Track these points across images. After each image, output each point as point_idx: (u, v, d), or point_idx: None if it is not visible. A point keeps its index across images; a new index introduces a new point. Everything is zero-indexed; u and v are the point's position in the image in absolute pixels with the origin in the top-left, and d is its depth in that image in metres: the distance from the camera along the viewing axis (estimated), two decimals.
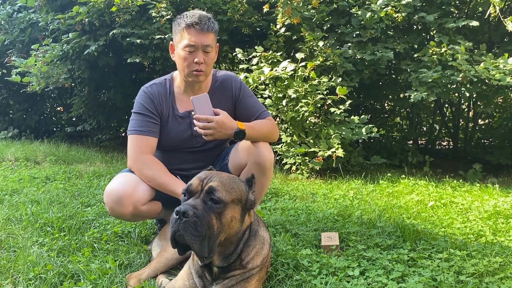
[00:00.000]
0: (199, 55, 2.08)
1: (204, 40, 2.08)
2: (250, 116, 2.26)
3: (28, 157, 5.08)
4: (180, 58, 2.12)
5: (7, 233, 2.44)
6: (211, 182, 1.56)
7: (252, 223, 1.68)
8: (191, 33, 2.07)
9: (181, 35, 2.10)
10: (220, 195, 1.52)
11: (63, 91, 7.69)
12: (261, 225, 1.76)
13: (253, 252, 1.66)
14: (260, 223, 1.77)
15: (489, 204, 3.14)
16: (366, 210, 2.95)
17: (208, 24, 2.09)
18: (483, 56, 4.20)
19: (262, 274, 1.73)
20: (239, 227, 1.59)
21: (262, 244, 1.70)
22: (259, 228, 1.72)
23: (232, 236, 1.58)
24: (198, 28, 2.06)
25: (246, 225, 1.64)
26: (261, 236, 1.70)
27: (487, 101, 4.69)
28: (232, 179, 1.61)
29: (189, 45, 2.07)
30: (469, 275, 1.89)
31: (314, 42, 4.47)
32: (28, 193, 3.39)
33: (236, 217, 1.56)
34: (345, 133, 4.12)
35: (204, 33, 2.08)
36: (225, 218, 1.53)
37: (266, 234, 1.76)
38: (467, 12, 4.93)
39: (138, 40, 4.77)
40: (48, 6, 5.82)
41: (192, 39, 2.06)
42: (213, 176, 1.60)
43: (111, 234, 2.43)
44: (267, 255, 1.73)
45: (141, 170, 2.08)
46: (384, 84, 5.36)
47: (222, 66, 6.72)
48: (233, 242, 1.60)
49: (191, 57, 2.08)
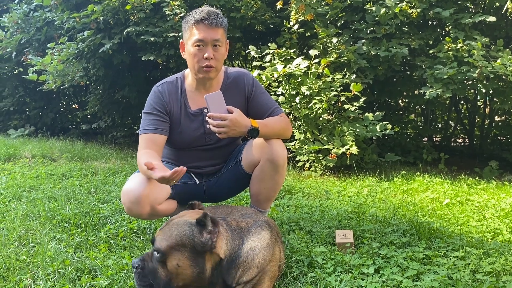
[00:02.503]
0: (208, 50, 2.08)
1: (213, 35, 2.07)
2: (263, 113, 2.26)
3: (45, 154, 5.16)
4: (190, 54, 2.12)
5: (26, 229, 2.48)
6: (158, 230, 1.58)
7: (227, 256, 1.57)
8: (200, 29, 2.06)
9: (190, 32, 2.10)
10: (157, 244, 1.53)
11: (79, 89, 7.79)
12: (248, 237, 1.66)
13: (239, 273, 1.58)
14: (247, 234, 1.67)
15: (506, 202, 3.10)
16: (381, 208, 2.93)
17: (217, 19, 2.08)
18: (500, 52, 4.13)
19: (272, 273, 1.71)
20: (194, 270, 1.51)
21: (251, 257, 1.61)
22: (243, 246, 1.62)
23: (194, 278, 1.52)
24: (207, 23, 2.06)
25: (210, 264, 1.54)
26: (245, 253, 1.60)
27: (504, 97, 4.60)
28: (176, 224, 1.56)
29: (198, 40, 2.06)
30: (485, 273, 1.87)
31: (328, 38, 4.45)
32: (45, 190, 3.44)
33: (183, 263, 1.50)
34: (359, 130, 4.10)
35: (213, 28, 2.07)
36: (170, 266, 1.51)
37: (258, 240, 1.65)
38: (484, 7, 4.86)
39: (152, 38, 4.80)
40: (63, 5, 5.88)
41: (201, 34, 2.06)
42: (167, 222, 1.60)
43: (127, 231, 2.46)
44: (266, 257, 1.65)
45: (139, 163, 2.03)
46: (399, 80, 5.31)
47: (235, 63, 6.72)
48: (203, 281, 1.54)
49: (200, 53, 2.08)
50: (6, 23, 6.81)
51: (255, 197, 2.31)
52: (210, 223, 1.53)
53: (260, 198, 2.30)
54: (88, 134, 7.67)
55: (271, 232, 1.74)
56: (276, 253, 1.76)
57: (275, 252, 1.75)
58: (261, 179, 2.23)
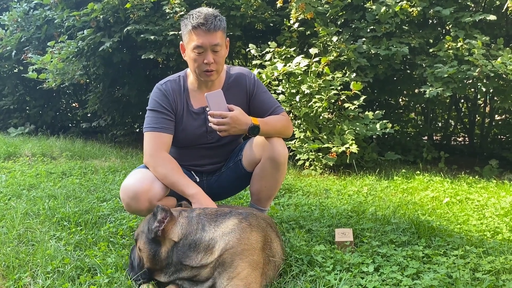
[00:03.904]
0: (208, 55, 2.07)
1: (212, 40, 2.05)
2: (264, 111, 2.27)
3: (45, 153, 5.16)
4: (190, 59, 2.12)
5: (26, 227, 2.48)
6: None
7: (182, 239, 1.73)
8: (198, 34, 2.05)
9: (189, 37, 2.09)
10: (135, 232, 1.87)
11: (78, 87, 7.79)
12: (212, 223, 1.75)
13: (200, 257, 1.69)
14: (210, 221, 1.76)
15: (505, 201, 3.10)
16: (381, 207, 2.93)
17: (214, 23, 2.05)
18: (500, 51, 4.13)
19: (251, 258, 1.68)
20: (150, 253, 1.75)
21: (213, 244, 1.69)
22: (204, 231, 1.73)
23: (152, 259, 1.75)
24: (204, 29, 2.03)
25: (166, 248, 1.74)
26: (207, 239, 1.71)
27: (504, 96, 4.60)
28: (146, 219, 1.82)
29: (197, 46, 2.06)
30: (485, 272, 1.87)
31: (328, 37, 4.44)
32: (45, 188, 3.44)
33: (143, 246, 1.77)
34: (359, 129, 4.10)
35: (211, 33, 2.05)
36: (138, 249, 1.81)
37: (223, 227, 1.73)
38: (484, 6, 4.85)
39: (152, 36, 4.80)
40: (63, 3, 5.88)
41: (199, 40, 2.04)
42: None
43: (126, 229, 2.46)
44: (232, 243, 1.68)
45: (155, 167, 2.10)
46: (399, 79, 5.31)
47: (235, 62, 6.72)
48: (160, 262, 1.75)
49: (200, 58, 2.08)
50: (6, 21, 6.81)
51: (255, 195, 2.31)
52: (159, 214, 1.73)
53: (261, 196, 2.30)
54: (88, 133, 7.67)
55: (240, 220, 1.76)
56: (253, 240, 1.73)
57: (251, 239, 1.72)
58: (262, 177, 2.23)
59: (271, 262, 1.80)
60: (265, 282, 1.73)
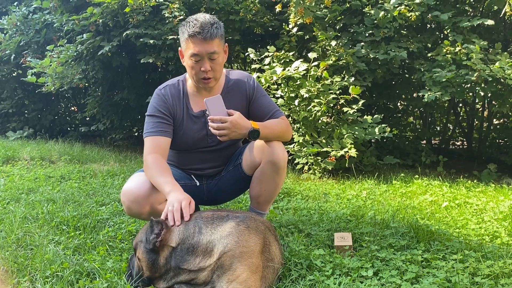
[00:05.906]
0: (205, 64, 2.07)
1: (208, 48, 2.06)
2: (264, 115, 2.27)
3: (43, 157, 5.16)
4: (188, 66, 2.13)
5: (24, 231, 2.48)
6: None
7: (180, 244, 1.75)
8: (194, 43, 2.05)
9: (186, 44, 2.09)
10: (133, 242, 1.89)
11: (77, 91, 7.79)
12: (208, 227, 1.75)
13: (198, 260, 1.71)
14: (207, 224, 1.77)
15: (504, 205, 3.10)
16: (379, 211, 2.94)
17: (211, 31, 2.05)
18: (498, 55, 4.15)
19: (250, 262, 1.68)
20: (149, 262, 1.78)
21: (211, 247, 1.70)
22: (201, 235, 1.74)
23: (151, 267, 1.79)
24: (201, 38, 2.03)
25: (164, 254, 1.77)
26: (204, 243, 1.72)
27: (502, 100, 4.62)
28: (144, 229, 1.86)
29: (194, 55, 2.06)
30: (484, 276, 1.87)
31: (327, 41, 4.46)
32: (43, 192, 3.44)
33: (142, 256, 1.80)
34: (358, 133, 4.10)
35: (207, 41, 2.05)
36: (137, 258, 1.84)
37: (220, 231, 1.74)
38: (482, 11, 4.87)
39: (151, 40, 4.81)
40: (62, 7, 5.89)
41: (196, 49, 2.05)
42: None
43: (125, 233, 2.45)
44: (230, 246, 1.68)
45: (145, 169, 2.09)
46: (397, 83, 5.33)
47: (234, 66, 6.73)
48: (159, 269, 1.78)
49: (197, 65, 2.09)
50: (5, 25, 6.81)
51: (255, 198, 2.31)
52: (156, 228, 1.76)
53: (260, 200, 2.30)
54: (87, 136, 7.66)
55: (238, 223, 1.76)
56: (251, 243, 1.72)
57: (249, 242, 1.72)
58: (262, 180, 2.24)
59: (270, 266, 1.80)
60: (264, 286, 1.73)
